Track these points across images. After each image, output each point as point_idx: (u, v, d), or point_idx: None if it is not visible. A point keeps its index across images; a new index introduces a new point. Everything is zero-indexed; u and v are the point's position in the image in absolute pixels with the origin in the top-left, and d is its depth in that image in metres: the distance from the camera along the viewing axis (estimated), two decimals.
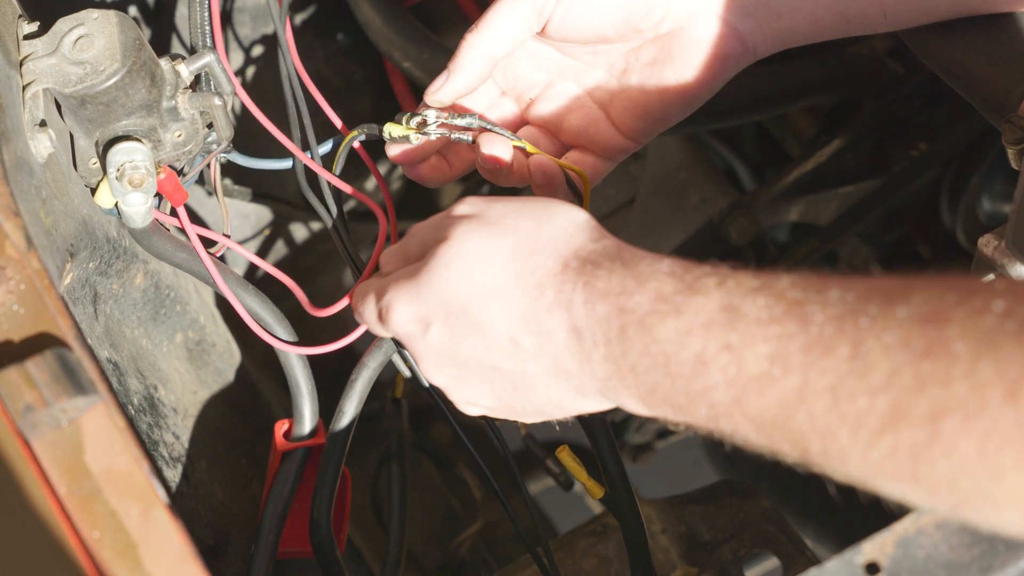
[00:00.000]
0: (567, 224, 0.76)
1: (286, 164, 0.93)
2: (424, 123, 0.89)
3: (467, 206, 0.79)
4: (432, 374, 0.80)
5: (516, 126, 0.93)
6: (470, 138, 0.88)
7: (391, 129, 0.89)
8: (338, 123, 0.90)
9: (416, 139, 0.89)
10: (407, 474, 1.31)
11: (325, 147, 0.93)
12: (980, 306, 0.57)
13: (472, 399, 0.81)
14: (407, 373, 0.92)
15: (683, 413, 0.69)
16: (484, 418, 0.94)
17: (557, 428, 0.87)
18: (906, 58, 1.26)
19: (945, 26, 0.91)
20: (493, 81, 0.92)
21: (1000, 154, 1.25)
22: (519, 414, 0.80)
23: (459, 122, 0.88)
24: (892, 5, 0.86)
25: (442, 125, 0.88)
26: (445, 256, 0.76)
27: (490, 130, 0.87)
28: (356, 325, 0.89)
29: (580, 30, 0.87)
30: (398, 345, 0.88)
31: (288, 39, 0.91)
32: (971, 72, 0.92)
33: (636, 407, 0.72)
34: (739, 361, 0.64)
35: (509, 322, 0.74)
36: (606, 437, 0.92)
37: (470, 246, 0.76)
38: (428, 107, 0.89)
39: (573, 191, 0.89)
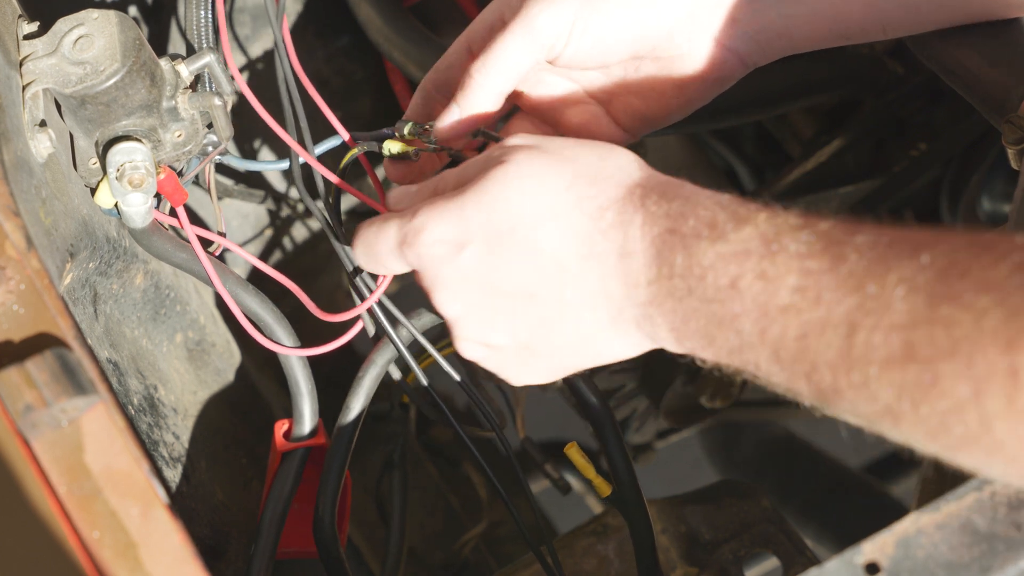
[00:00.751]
0: (627, 160, 0.77)
1: (282, 165, 0.93)
2: (427, 132, 0.88)
3: (521, 138, 0.79)
4: (447, 302, 0.79)
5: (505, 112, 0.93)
6: (471, 155, 0.87)
7: (390, 146, 0.89)
8: (338, 126, 0.90)
9: (415, 156, 0.88)
10: (408, 475, 1.31)
11: (329, 144, 0.92)
12: (996, 258, 0.60)
13: (483, 333, 0.79)
14: (398, 376, 0.92)
15: (712, 345, 0.71)
16: (488, 420, 0.94)
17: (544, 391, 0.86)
18: (906, 58, 1.26)
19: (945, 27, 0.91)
20: None
21: (1000, 154, 1.25)
22: (527, 360, 0.80)
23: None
24: (892, 20, 0.87)
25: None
26: (502, 176, 0.76)
27: (495, 139, 0.86)
28: (354, 324, 0.89)
29: (585, 61, 0.87)
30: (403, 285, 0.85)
31: (286, 38, 0.91)
32: (971, 72, 0.92)
33: (668, 339, 0.74)
34: (771, 291, 0.67)
35: (561, 243, 0.75)
36: (614, 434, 0.92)
37: (532, 168, 0.76)
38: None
39: None
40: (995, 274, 0.59)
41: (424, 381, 0.91)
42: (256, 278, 1.02)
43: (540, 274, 0.76)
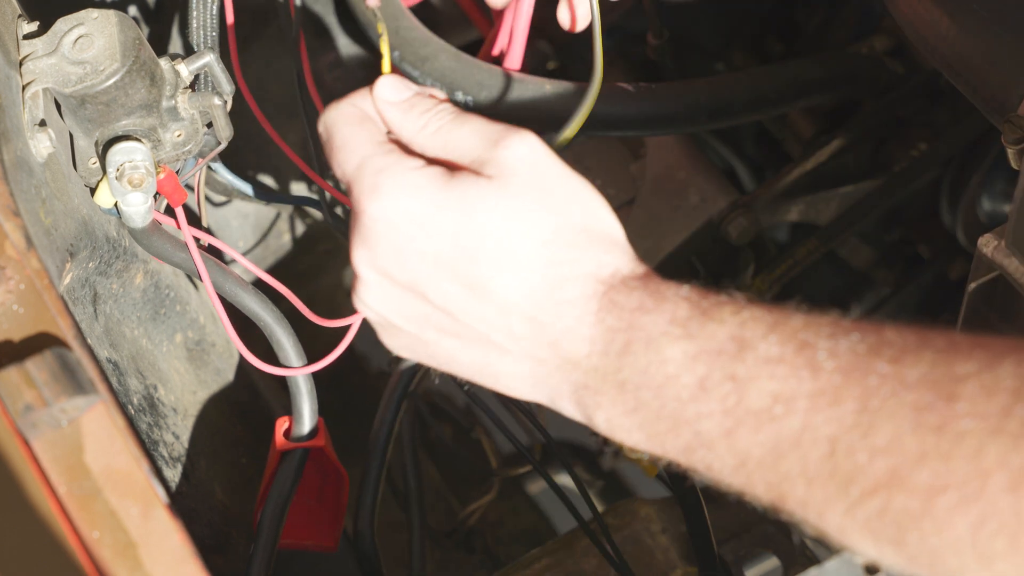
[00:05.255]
0: (610, 234, 0.74)
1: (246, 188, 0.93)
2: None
3: (528, 148, 0.74)
4: (365, 260, 0.75)
5: None
6: None
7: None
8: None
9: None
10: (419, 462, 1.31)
11: None
12: (990, 384, 0.57)
13: (388, 312, 0.76)
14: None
15: (655, 440, 0.68)
16: (518, 405, 0.91)
17: (436, 381, 0.84)
18: (906, 58, 1.26)
19: (946, 24, 0.91)
20: None
21: (1000, 154, 1.25)
22: (415, 347, 0.77)
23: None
24: None
25: None
26: (489, 198, 0.72)
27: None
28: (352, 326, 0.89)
29: None
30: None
31: (303, 52, 0.90)
32: (972, 70, 0.92)
33: (598, 424, 0.71)
34: (741, 393, 0.64)
35: (513, 295, 0.72)
36: None
37: (522, 206, 0.72)
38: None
39: None
40: (991, 403, 0.56)
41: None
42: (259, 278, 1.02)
43: (478, 309, 0.73)
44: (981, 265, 0.90)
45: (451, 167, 0.75)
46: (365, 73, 1.39)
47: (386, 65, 0.81)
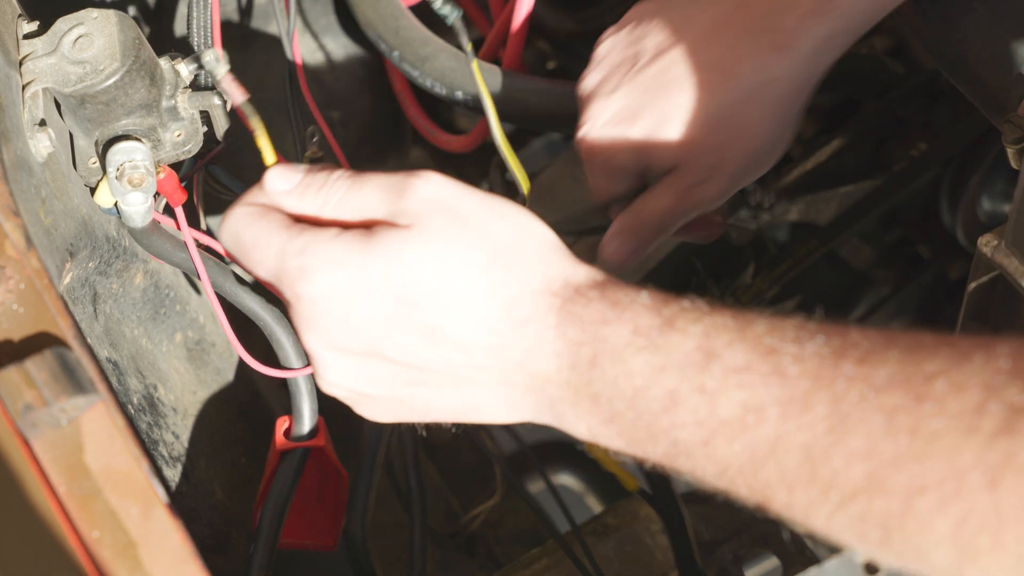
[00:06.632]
0: (545, 243, 0.73)
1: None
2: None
3: (434, 188, 0.73)
4: (320, 346, 0.74)
5: None
6: None
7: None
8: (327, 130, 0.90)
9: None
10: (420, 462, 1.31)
11: None
12: (959, 381, 0.57)
13: (357, 385, 0.75)
14: None
15: (637, 447, 0.68)
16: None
17: (454, 430, 0.85)
18: (906, 58, 1.26)
19: (947, 23, 0.91)
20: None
21: (1000, 154, 1.25)
22: (394, 409, 0.77)
23: None
24: None
25: None
26: (414, 246, 0.71)
27: None
28: None
29: None
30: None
31: (296, 51, 0.91)
32: (972, 70, 0.92)
33: (581, 432, 0.71)
34: (711, 404, 0.63)
35: (467, 331, 0.71)
36: None
37: (448, 244, 0.71)
38: None
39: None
40: (962, 402, 0.56)
41: None
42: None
43: (438, 353, 0.72)
44: (981, 265, 0.90)
45: (367, 227, 0.74)
46: (365, 73, 1.39)
47: (269, 156, 0.80)
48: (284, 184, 0.78)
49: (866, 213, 1.33)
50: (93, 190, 0.85)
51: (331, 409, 0.93)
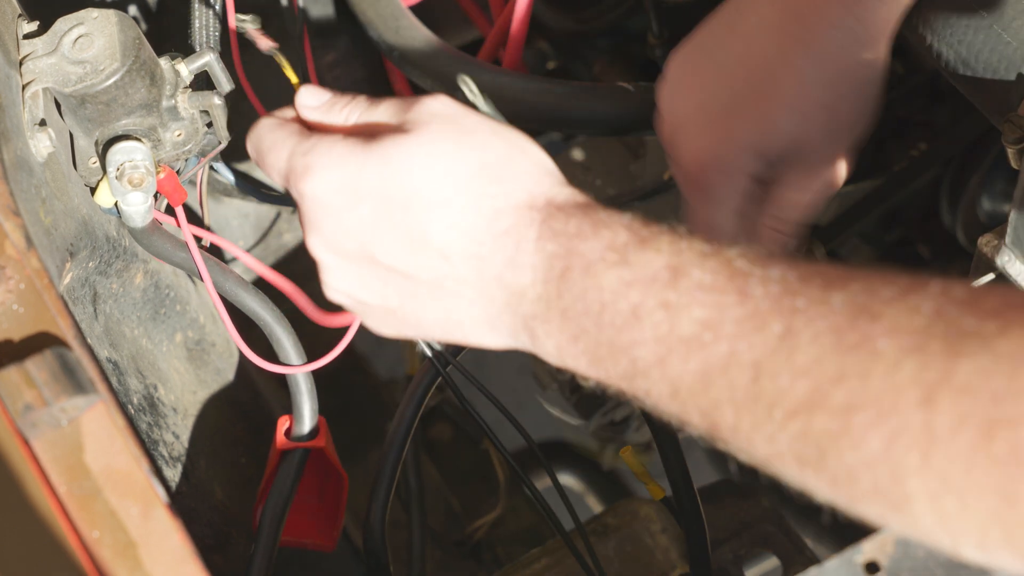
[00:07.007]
0: (539, 164, 0.75)
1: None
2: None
3: (441, 104, 0.76)
4: (321, 249, 0.77)
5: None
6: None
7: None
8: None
9: None
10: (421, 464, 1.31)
11: None
12: (912, 305, 0.58)
13: (353, 289, 0.78)
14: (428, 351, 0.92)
15: (599, 366, 0.68)
16: (506, 414, 0.94)
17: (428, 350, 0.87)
18: (906, 58, 1.26)
19: (947, 23, 0.91)
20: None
21: (1000, 154, 1.25)
22: (391, 321, 0.78)
23: None
24: None
25: None
26: (411, 148, 0.73)
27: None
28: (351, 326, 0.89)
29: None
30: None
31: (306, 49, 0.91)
32: (972, 70, 0.92)
33: (550, 352, 0.71)
34: (672, 321, 0.64)
35: (449, 236, 0.72)
36: (673, 447, 0.91)
37: (442, 148, 0.73)
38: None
39: None
40: (911, 322, 0.57)
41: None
42: (258, 278, 1.02)
43: (421, 259, 0.73)
44: (981, 265, 0.90)
45: (373, 134, 0.77)
46: (365, 73, 1.39)
47: (295, 78, 0.85)
48: (313, 100, 0.81)
49: (866, 213, 1.32)
50: (93, 190, 0.85)
51: (331, 410, 0.93)
